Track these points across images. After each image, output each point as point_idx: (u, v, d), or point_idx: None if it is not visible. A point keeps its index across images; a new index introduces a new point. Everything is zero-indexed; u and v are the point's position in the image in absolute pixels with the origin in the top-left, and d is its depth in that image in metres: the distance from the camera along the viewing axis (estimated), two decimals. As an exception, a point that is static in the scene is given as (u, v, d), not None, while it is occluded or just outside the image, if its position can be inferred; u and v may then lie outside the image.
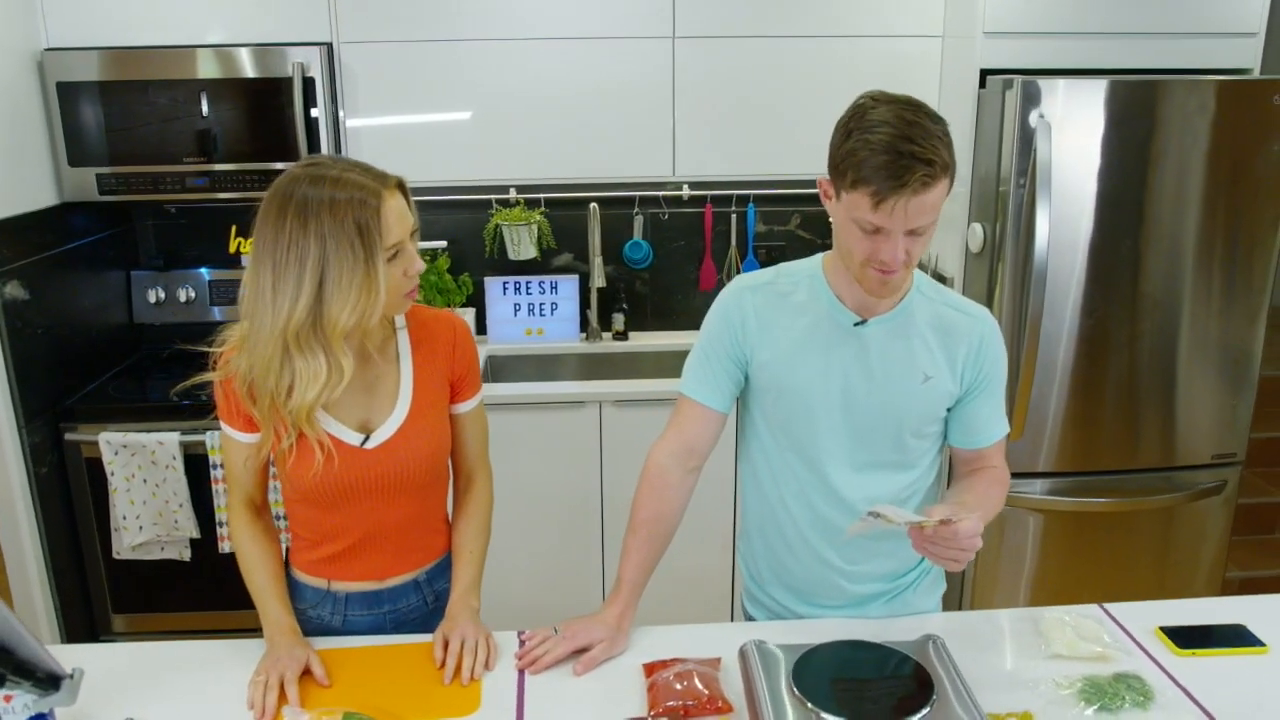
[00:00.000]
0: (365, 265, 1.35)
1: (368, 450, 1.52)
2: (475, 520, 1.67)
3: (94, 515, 2.79)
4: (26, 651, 0.99)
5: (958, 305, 1.54)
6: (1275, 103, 2.54)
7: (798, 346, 1.52)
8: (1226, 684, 1.43)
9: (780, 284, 1.56)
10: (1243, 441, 2.84)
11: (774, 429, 1.58)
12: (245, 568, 1.57)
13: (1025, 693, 1.41)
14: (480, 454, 1.70)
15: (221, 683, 1.46)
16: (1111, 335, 2.71)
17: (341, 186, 1.35)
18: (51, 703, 1.02)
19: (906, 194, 1.29)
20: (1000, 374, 1.55)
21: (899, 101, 1.35)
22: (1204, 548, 2.93)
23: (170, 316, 3.20)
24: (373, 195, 1.36)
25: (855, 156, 1.31)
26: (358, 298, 1.35)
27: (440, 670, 1.47)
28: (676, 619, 1.67)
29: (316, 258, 1.33)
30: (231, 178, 2.82)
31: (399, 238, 1.40)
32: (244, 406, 1.48)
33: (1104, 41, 2.69)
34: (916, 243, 1.36)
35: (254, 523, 1.59)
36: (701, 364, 1.59)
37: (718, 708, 1.37)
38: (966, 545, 1.34)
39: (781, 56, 2.92)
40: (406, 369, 1.56)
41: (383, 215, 1.36)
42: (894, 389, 1.50)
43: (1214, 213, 2.64)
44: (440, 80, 2.87)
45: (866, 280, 1.42)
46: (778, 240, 3.38)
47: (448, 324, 1.61)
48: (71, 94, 2.72)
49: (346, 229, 1.33)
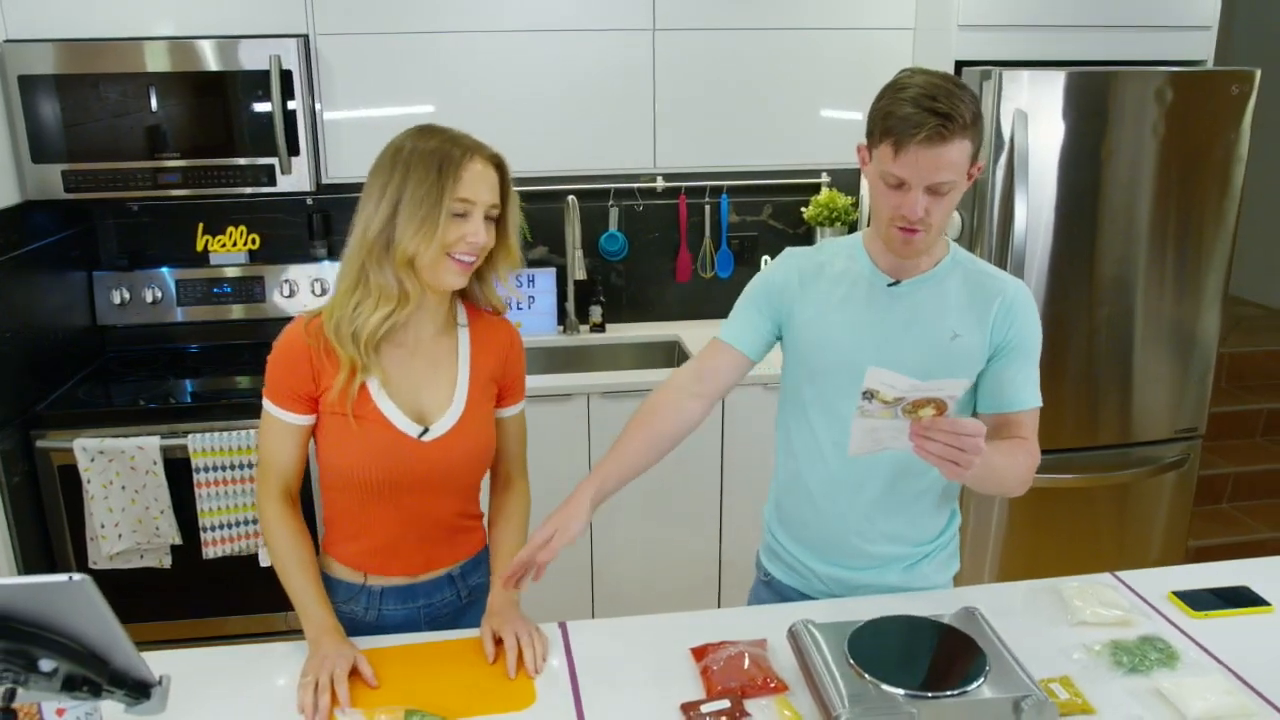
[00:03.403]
0: (432, 199, 1.42)
1: (424, 443, 1.53)
2: (515, 519, 1.69)
3: (68, 524, 2.69)
4: (122, 659, 0.96)
5: (993, 273, 1.62)
6: (1234, 92, 2.67)
7: (836, 306, 1.61)
8: (1242, 642, 1.52)
9: (824, 253, 1.67)
10: (1204, 417, 2.98)
11: (808, 387, 1.64)
12: (283, 568, 1.54)
13: (1061, 658, 1.47)
14: (519, 458, 1.73)
15: (248, 691, 1.43)
16: (1076, 319, 2.82)
17: (439, 139, 1.46)
18: (142, 711, 1.00)
19: (921, 142, 1.39)
20: (1033, 341, 1.59)
21: (933, 72, 1.46)
22: (1166, 519, 3.07)
23: (135, 318, 3.10)
24: (463, 151, 1.45)
25: (882, 112, 1.44)
26: (418, 228, 1.43)
27: (493, 665, 1.47)
28: (663, 605, 1.72)
29: (398, 182, 1.44)
30: (205, 173, 2.74)
31: (472, 196, 1.45)
32: (305, 376, 1.49)
33: (1071, 34, 2.80)
34: (938, 204, 1.45)
35: (291, 519, 1.56)
36: (736, 314, 1.69)
37: (772, 688, 1.41)
38: (967, 445, 1.33)
39: (756, 48, 2.96)
40: (464, 365, 1.59)
41: (464, 168, 1.44)
42: (924, 346, 1.57)
43: (1173, 198, 2.77)
44: (418, 72, 2.84)
45: (892, 240, 1.51)
46: (750, 230, 3.42)
47: (506, 329, 1.66)
48: (33, 88, 2.61)
49: (429, 164, 1.43)
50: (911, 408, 1.34)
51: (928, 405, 1.34)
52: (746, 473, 2.94)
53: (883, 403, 1.33)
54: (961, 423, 1.35)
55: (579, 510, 1.50)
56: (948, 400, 1.34)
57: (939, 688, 1.28)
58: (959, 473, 1.37)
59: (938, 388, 1.33)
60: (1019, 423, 1.59)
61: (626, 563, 2.99)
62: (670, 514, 2.96)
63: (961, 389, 1.35)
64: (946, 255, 1.61)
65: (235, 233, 3.14)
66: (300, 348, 1.50)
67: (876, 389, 1.32)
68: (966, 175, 1.46)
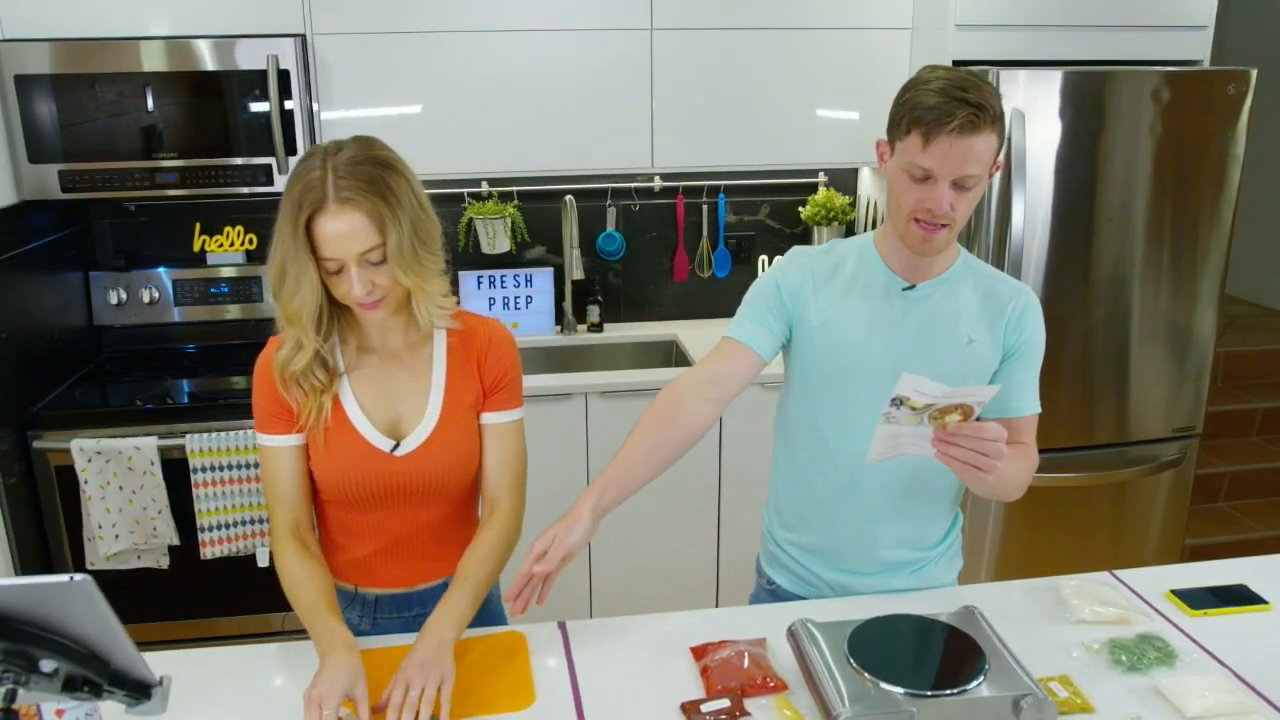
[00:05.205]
0: (300, 262, 1.37)
1: (397, 457, 1.51)
2: (483, 547, 1.52)
3: (65, 525, 2.69)
4: (123, 660, 0.96)
5: (1002, 278, 1.62)
6: (1230, 92, 2.67)
7: (849, 310, 1.58)
8: (1240, 640, 1.52)
9: (833, 254, 1.64)
10: (1201, 415, 2.99)
11: (817, 391, 1.62)
12: (290, 597, 1.48)
13: (1060, 656, 1.47)
14: (506, 478, 1.56)
15: (247, 691, 1.43)
16: (1073, 318, 2.83)
17: (300, 184, 1.37)
18: (142, 712, 1.00)
19: (953, 132, 1.39)
20: (1038, 348, 1.60)
21: (954, 69, 1.47)
22: (1163, 518, 3.08)
23: (132, 318, 3.09)
24: (312, 204, 1.35)
25: (910, 104, 1.43)
26: (295, 290, 1.38)
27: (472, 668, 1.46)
28: (661, 605, 1.69)
29: (278, 238, 1.40)
30: (202, 173, 2.73)
31: (335, 255, 1.36)
32: (279, 396, 1.47)
33: (1068, 34, 2.80)
34: (962, 199, 1.44)
35: (298, 558, 1.48)
36: (747, 313, 1.63)
37: (771, 687, 1.41)
38: (990, 450, 1.34)
39: (754, 48, 2.96)
40: (439, 376, 1.54)
41: (317, 225, 1.35)
42: (940, 350, 1.56)
43: (1169, 198, 2.78)
44: (415, 72, 2.84)
45: (911, 237, 1.49)
46: (748, 230, 3.42)
47: (489, 329, 1.57)
48: (29, 87, 2.60)
49: (290, 221, 1.37)
50: (939, 414, 1.34)
51: (954, 411, 1.34)
52: (745, 472, 2.94)
53: (911, 409, 1.33)
54: (984, 427, 1.35)
55: (578, 519, 1.44)
56: (976, 406, 1.34)
57: (939, 687, 1.28)
58: (980, 477, 1.38)
59: (969, 394, 1.33)
60: (1020, 428, 1.60)
61: (625, 563, 2.98)
62: (668, 514, 2.96)
63: (991, 395, 1.35)
64: (958, 259, 1.60)
65: (232, 233, 3.14)
66: (269, 370, 1.48)
67: (908, 396, 1.31)
68: (988, 173, 1.47)
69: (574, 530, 1.43)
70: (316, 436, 1.49)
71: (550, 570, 1.41)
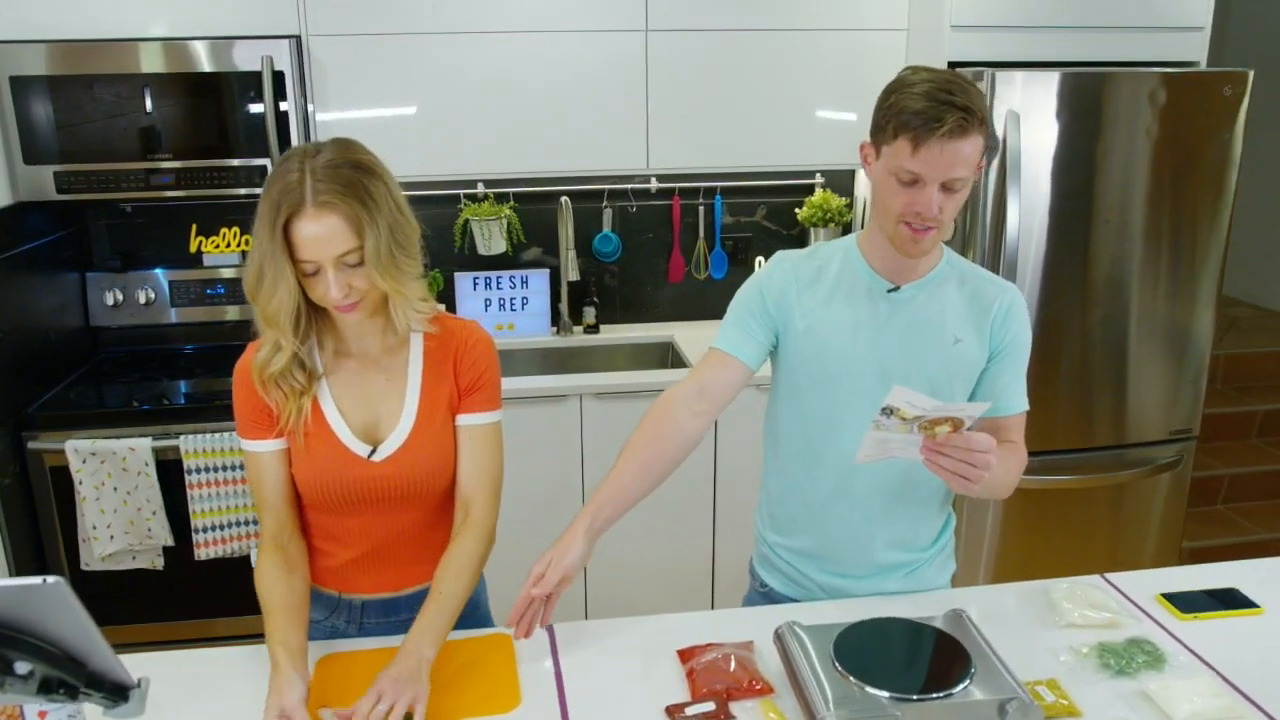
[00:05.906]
0: (278, 265, 1.36)
1: (374, 462, 1.50)
2: (455, 560, 1.49)
3: (60, 526, 2.69)
4: (99, 662, 0.96)
5: (987, 277, 1.61)
6: (1227, 93, 2.67)
7: (834, 313, 1.58)
8: (1229, 644, 1.52)
9: (817, 258, 1.63)
10: (1198, 418, 2.98)
11: (804, 394, 1.61)
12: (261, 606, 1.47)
13: (1049, 660, 1.47)
14: (480, 482, 1.54)
15: (229, 694, 1.42)
16: (1070, 320, 2.82)
17: (278, 186, 1.35)
18: (120, 714, 1.00)
19: (943, 136, 1.38)
20: (1024, 347, 1.60)
21: (937, 70, 1.45)
22: (1161, 520, 3.07)
23: (129, 319, 3.10)
24: (290, 206, 1.33)
25: (896, 107, 1.41)
26: (273, 293, 1.37)
27: (476, 667, 1.46)
28: (656, 607, 1.69)
29: (256, 240, 1.37)
30: (198, 174, 2.73)
31: (312, 258, 1.35)
32: (259, 400, 1.48)
33: (1064, 35, 2.80)
34: (950, 200, 1.44)
35: (272, 567, 1.47)
36: (733, 322, 1.63)
37: (757, 689, 1.40)
38: (979, 461, 1.35)
39: (749, 49, 2.96)
40: (414, 380, 1.53)
41: (294, 229, 1.34)
42: (926, 351, 1.56)
43: (1166, 199, 2.77)
44: (410, 73, 2.84)
45: (899, 238, 1.49)
46: (744, 232, 3.42)
47: (461, 334, 1.55)
48: (25, 89, 2.61)
49: (267, 224, 1.35)
50: (929, 425, 1.35)
51: (945, 423, 1.35)
52: (740, 475, 2.93)
53: (901, 419, 1.34)
54: (974, 438, 1.35)
55: (573, 541, 1.45)
56: (966, 420, 1.34)
57: (924, 690, 1.28)
58: (967, 486, 1.38)
59: (959, 409, 1.34)
60: (1008, 427, 1.60)
61: (620, 567, 2.98)
62: (664, 517, 2.95)
63: (981, 411, 1.35)
64: (942, 259, 1.60)
65: (229, 234, 3.14)
66: (248, 374, 1.48)
67: (899, 407, 1.32)
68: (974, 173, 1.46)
69: (569, 553, 1.44)
70: (297, 439, 1.49)
71: (546, 593, 1.42)
